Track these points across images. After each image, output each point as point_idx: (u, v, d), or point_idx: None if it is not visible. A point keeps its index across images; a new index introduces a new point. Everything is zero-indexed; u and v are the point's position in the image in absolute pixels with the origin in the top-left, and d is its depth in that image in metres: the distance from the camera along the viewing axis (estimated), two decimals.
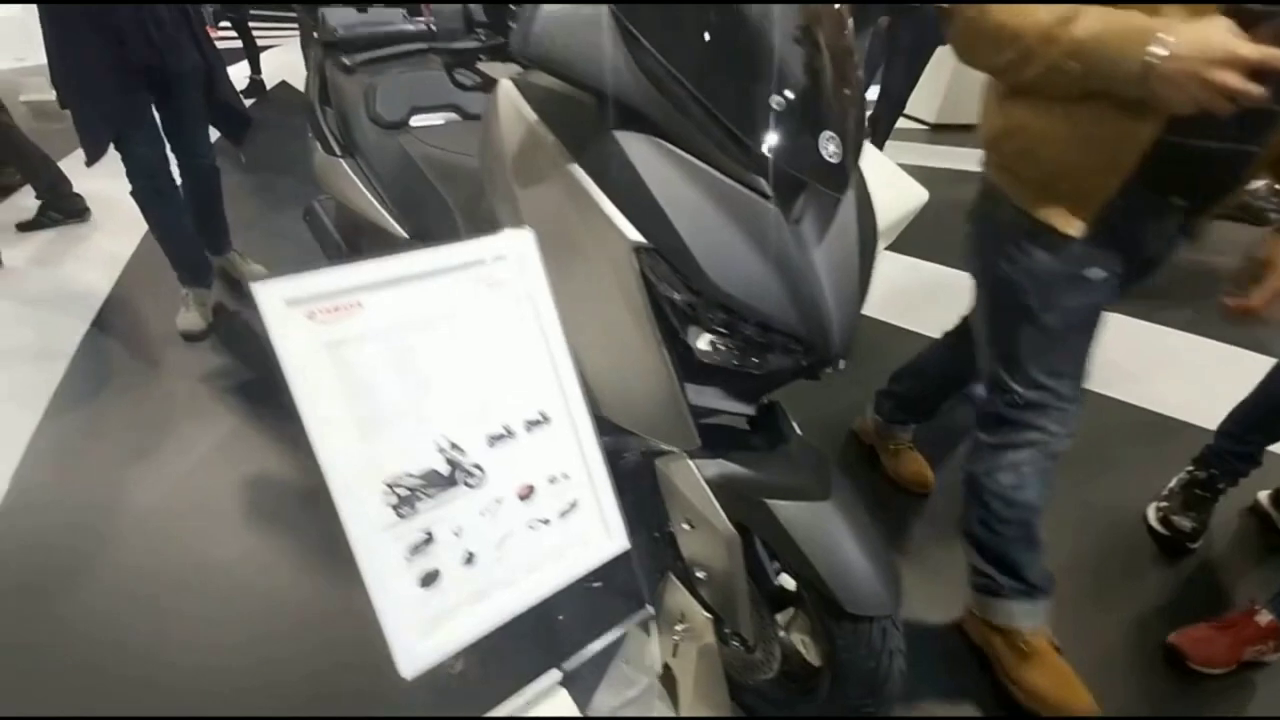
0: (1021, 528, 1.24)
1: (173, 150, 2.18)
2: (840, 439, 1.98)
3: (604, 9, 0.70)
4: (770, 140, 0.71)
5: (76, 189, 3.13)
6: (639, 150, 0.74)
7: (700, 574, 1.04)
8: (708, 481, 0.94)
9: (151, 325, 2.32)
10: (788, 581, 1.11)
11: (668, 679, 1.19)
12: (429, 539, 0.58)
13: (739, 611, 1.02)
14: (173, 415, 1.93)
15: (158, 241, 2.21)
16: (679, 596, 1.07)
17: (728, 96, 0.70)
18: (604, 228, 0.76)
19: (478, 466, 0.61)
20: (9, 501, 1.62)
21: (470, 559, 0.60)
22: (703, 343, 0.81)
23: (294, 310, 0.53)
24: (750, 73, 0.72)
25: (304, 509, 1.62)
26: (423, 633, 0.57)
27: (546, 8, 0.68)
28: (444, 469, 0.59)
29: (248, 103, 4.76)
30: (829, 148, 0.73)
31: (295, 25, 5.54)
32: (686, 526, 1.01)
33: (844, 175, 0.75)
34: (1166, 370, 2.36)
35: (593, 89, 0.72)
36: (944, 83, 5.19)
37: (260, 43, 5.52)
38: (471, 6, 0.91)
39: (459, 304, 0.61)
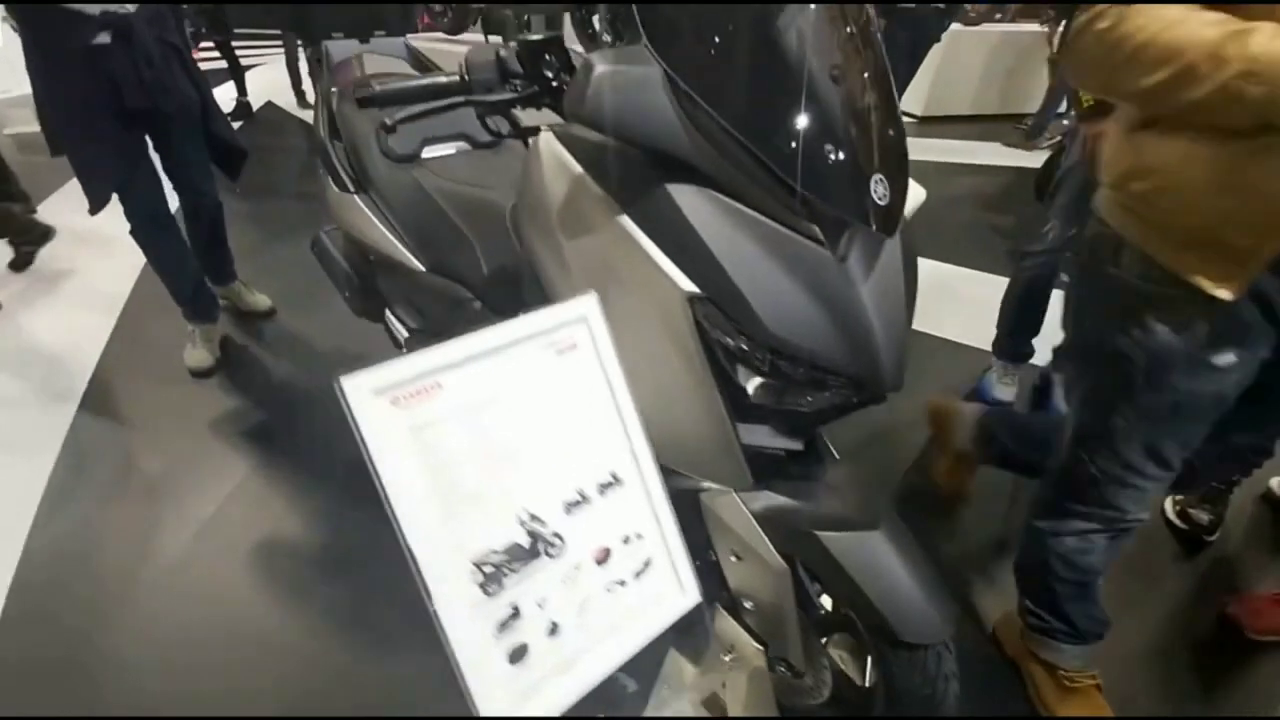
0: (1080, 587, 1.18)
1: (174, 187, 2.16)
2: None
3: (656, 68, 0.70)
4: (822, 186, 0.72)
5: (67, 225, 3.08)
6: (691, 202, 0.74)
7: (748, 604, 1.05)
8: (755, 515, 0.94)
9: (158, 363, 2.29)
10: (826, 601, 1.12)
11: (717, 707, 1.20)
12: (515, 614, 0.58)
13: (789, 640, 1.03)
14: (188, 461, 1.90)
15: (161, 279, 2.18)
16: (727, 626, 1.07)
17: (778, 145, 0.71)
18: (656, 277, 0.77)
19: (557, 535, 0.61)
20: (26, 556, 1.59)
21: (554, 629, 0.60)
22: (754, 384, 0.81)
23: (379, 399, 0.52)
24: (799, 120, 0.72)
25: (328, 564, 1.59)
26: (514, 708, 0.57)
27: (601, 70, 0.68)
28: (526, 541, 0.59)
29: (234, 125, 4.70)
30: (878, 190, 0.74)
31: (279, 43, 5.49)
32: (734, 559, 1.01)
33: (894, 216, 0.75)
34: None
35: (646, 146, 0.73)
36: (931, 75, 5.22)
37: (243, 62, 5.46)
38: (504, 55, 0.90)
39: (532, 373, 0.61)
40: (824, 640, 1.11)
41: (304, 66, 5.73)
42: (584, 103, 0.69)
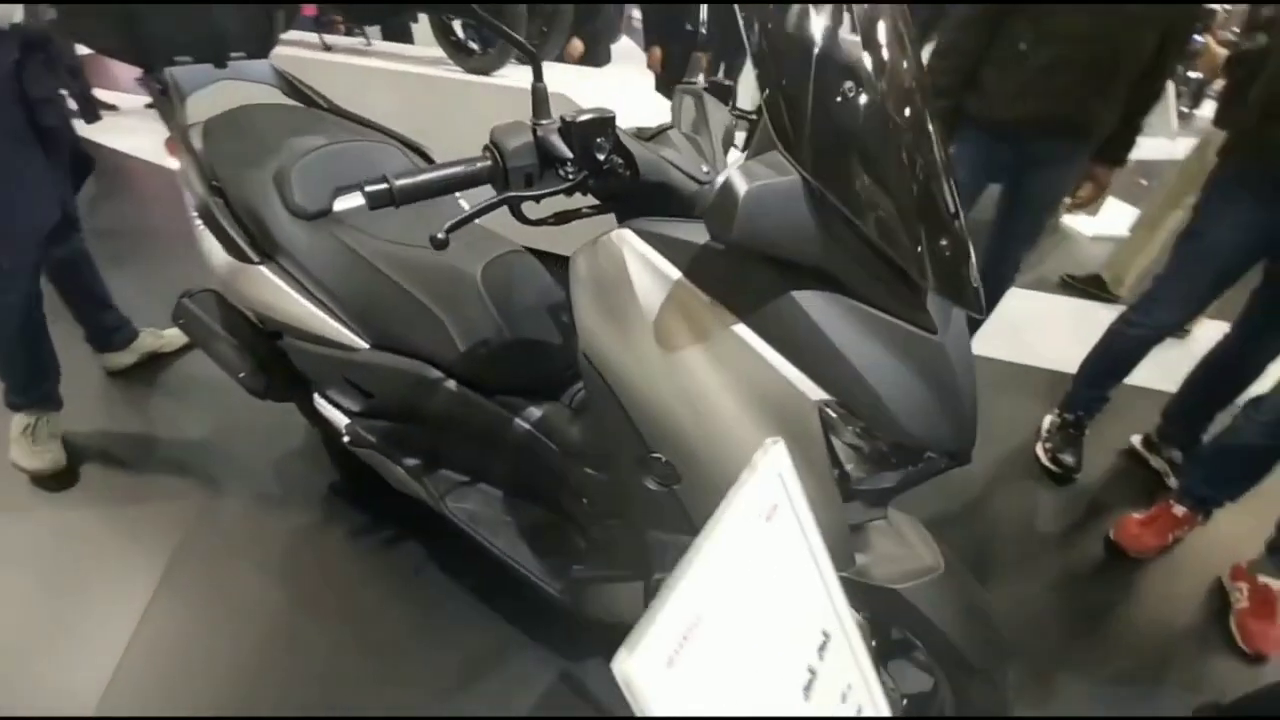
0: None
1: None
2: None
3: (796, 177, 0.61)
4: (941, 279, 0.69)
5: None
6: (820, 309, 0.68)
7: None
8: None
9: None
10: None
11: None
12: None
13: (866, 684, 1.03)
14: (52, 623, 1.36)
15: None
16: None
17: (902, 244, 0.66)
18: (780, 387, 0.70)
19: None
20: None
21: None
22: (856, 469, 0.78)
23: (658, 668, 0.39)
24: (919, 219, 0.68)
25: None
26: None
27: (747, 188, 0.59)
28: None
29: None
30: (973, 275, 0.73)
31: None
32: None
33: (981, 297, 0.75)
34: (1035, 328, 2.78)
35: (787, 258, 0.64)
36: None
37: None
38: (542, 136, 0.74)
39: (753, 554, 0.50)
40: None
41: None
42: (734, 226, 0.60)
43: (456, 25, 2.64)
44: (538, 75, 0.77)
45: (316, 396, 1.38)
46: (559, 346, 1.23)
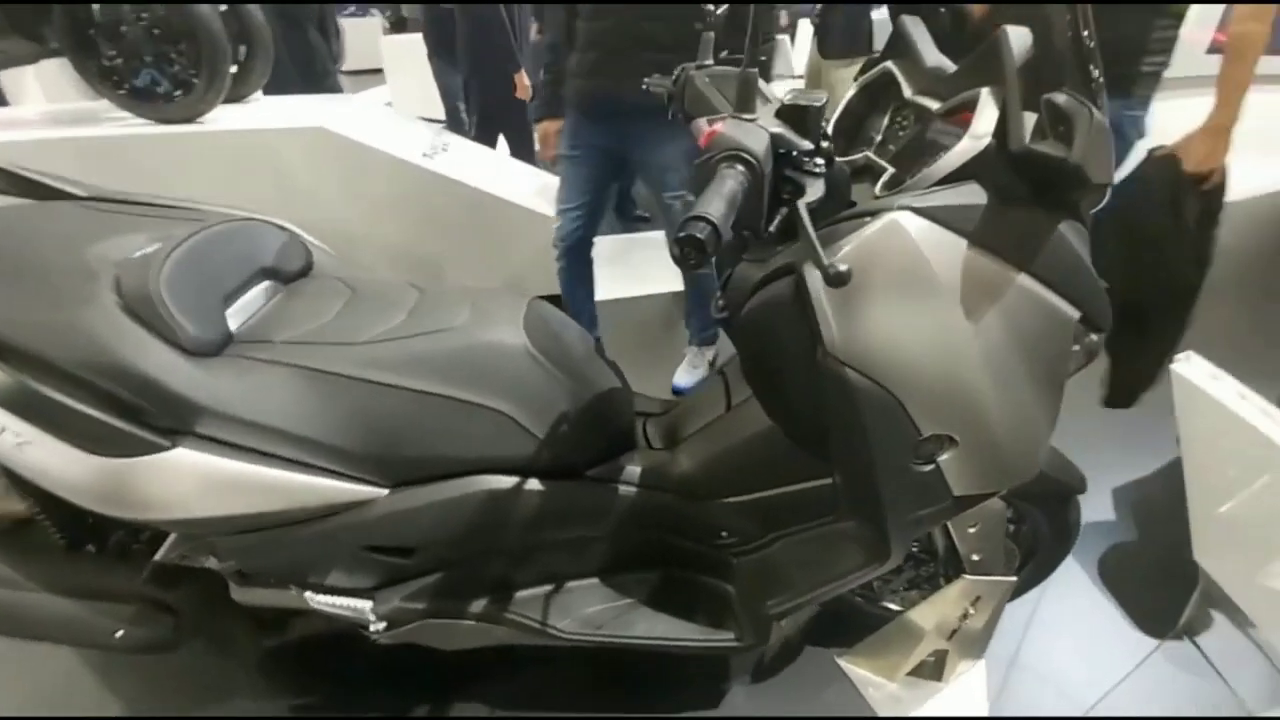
0: None
1: None
2: None
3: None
4: None
5: None
6: (1073, 236, 0.74)
7: (976, 556, 1.12)
8: None
9: None
10: None
11: (933, 668, 1.24)
12: None
13: (999, 551, 1.15)
14: None
15: None
16: (968, 585, 1.11)
17: None
18: (1053, 318, 0.74)
19: None
20: None
21: None
22: None
23: None
24: None
25: None
26: None
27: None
28: None
29: None
30: None
31: None
32: (972, 529, 1.07)
33: None
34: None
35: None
36: None
37: None
38: (772, 130, 0.61)
39: None
40: None
41: None
42: (1111, 167, 0.61)
43: (144, 68, 1.90)
44: (751, 61, 0.61)
45: (310, 595, 0.92)
46: (620, 389, 1.04)
